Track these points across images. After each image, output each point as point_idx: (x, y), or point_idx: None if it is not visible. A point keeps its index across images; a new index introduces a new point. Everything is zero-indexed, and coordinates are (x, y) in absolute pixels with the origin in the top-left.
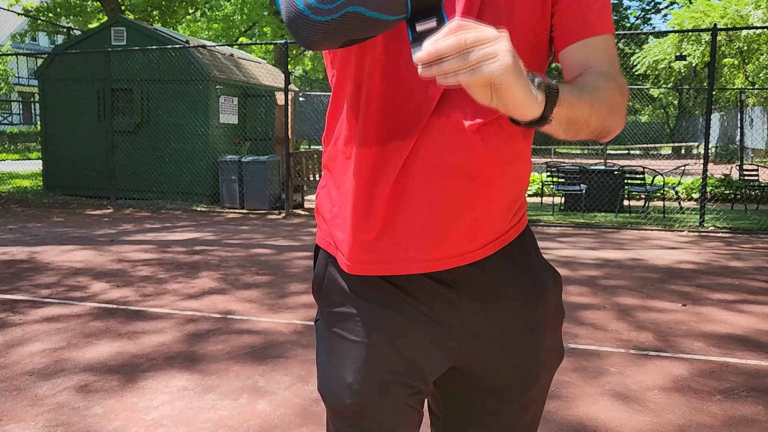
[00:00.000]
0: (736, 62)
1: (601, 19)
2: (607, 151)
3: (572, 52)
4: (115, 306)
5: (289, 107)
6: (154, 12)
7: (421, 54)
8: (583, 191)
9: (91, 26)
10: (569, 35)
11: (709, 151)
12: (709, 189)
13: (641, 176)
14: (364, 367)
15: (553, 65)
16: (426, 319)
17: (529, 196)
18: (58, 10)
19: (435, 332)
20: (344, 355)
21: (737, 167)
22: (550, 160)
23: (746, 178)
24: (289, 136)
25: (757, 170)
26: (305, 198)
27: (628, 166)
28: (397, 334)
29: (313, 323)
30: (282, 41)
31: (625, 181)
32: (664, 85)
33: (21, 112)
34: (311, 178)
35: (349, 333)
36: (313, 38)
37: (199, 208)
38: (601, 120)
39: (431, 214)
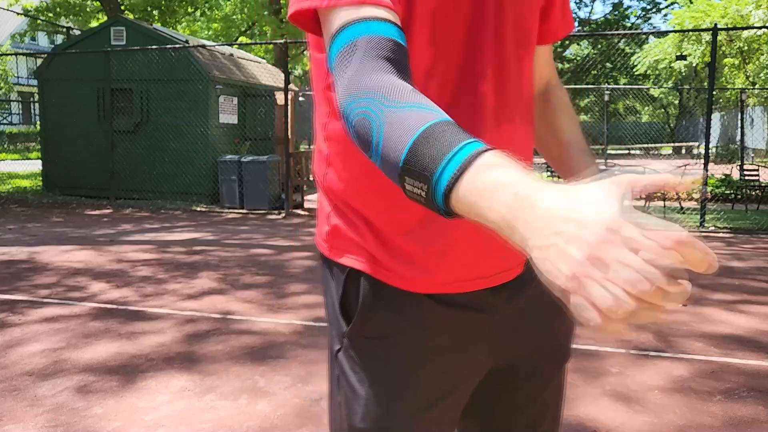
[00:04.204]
0: (736, 62)
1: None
2: (608, 151)
3: (541, 53)
4: (114, 306)
5: (289, 107)
6: (154, 12)
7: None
8: None
9: (90, 26)
10: (549, 35)
11: (710, 151)
12: (709, 189)
13: None
14: (414, 396)
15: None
16: (470, 330)
17: None
18: (58, 9)
19: (478, 341)
20: (390, 384)
21: (738, 167)
22: None
23: (747, 178)
24: (289, 136)
25: (757, 170)
26: (305, 198)
27: (629, 166)
28: (443, 354)
29: (313, 323)
30: (282, 41)
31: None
32: (664, 85)
33: (20, 112)
34: (311, 178)
35: (394, 360)
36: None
37: (198, 208)
38: None
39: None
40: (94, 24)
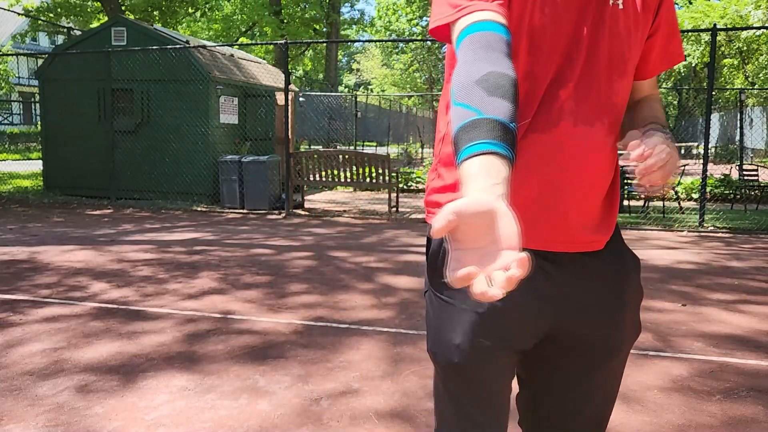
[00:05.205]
0: (735, 62)
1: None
2: None
3: (646, 83)
4: (115, 306)
5: (289, 107)
6: (155, 12)
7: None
8: None
9: (91, 26)
10: (649, 71)
11: (709, 151)
12: (708, 189)
13: None
14: (471, 332)
15: None
16: (527, 290)
17: None
18: (59, 10)
19: (534, 302)
20: (454, 320)
21: (737, 167)
22: None
23: (746, 178)
24: (289, 136)
25: (756, 170)
26: (305, 198)
27: (628, 165)
28: (502, 305)
29: (313, 323)
30: (282, 41)
31: (625, 181)
32: (663, 85)
33: (21, 112)
34: (311, 178)
35: (459, 302)
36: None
37: (199, 208)
38: None
39: (586, 201)
40: (94, 24)
